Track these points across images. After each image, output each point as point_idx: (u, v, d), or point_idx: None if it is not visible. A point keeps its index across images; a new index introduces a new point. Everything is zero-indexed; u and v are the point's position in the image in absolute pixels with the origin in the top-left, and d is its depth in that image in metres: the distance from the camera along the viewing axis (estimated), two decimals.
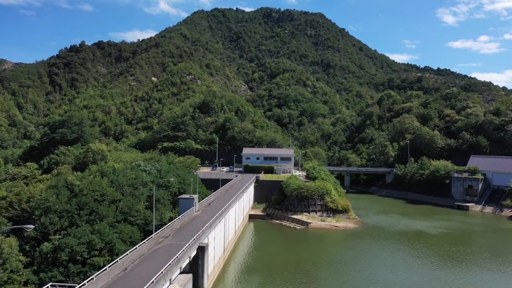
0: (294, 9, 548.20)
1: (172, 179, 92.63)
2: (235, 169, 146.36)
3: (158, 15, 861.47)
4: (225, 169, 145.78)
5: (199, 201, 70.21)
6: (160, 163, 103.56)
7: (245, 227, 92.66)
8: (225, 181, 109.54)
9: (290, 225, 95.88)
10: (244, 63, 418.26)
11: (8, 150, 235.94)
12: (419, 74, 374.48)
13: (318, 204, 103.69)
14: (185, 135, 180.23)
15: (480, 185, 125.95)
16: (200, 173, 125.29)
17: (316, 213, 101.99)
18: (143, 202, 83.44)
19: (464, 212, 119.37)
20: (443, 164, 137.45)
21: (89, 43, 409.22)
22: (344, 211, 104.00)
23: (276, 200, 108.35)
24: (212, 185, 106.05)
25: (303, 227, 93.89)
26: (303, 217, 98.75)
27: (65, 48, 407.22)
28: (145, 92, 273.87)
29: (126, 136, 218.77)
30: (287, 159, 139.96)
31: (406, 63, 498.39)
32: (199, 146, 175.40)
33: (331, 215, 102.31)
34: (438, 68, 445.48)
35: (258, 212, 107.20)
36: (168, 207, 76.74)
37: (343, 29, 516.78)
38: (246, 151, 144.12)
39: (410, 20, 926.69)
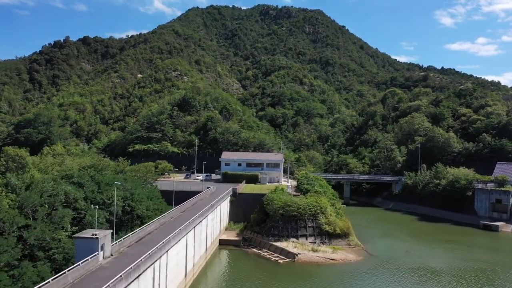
0: (292, 6, 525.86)
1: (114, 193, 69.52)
2: (214, 177, 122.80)
3: (153, 14, 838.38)
4: (201, 177, 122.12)
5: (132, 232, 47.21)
6: (104, 173, 79.87)
7: (209, 262, 68.80)
8: (193, 194, 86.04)
9: (270, 256, 71.93)
10: (238, 60, 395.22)
11: None
12: (423, 73, 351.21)
13: (309, 227, 79.79)
14: (160, 136, 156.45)
15: (511, 200, 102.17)
16: (165, 182, 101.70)
17: (306, 239, 78.09)
18: (67, 229, 60.54)
19: (493, 234, 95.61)
20: (463, 173, 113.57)
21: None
22: (344, 235, 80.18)
23: (256, 221, 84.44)
24: (177, 198, 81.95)
25: (287, 260, 69.96)
26: (289, 245, 74.79)
27: (48, 44, 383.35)
28: (126, 89, 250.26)
29: (99, 137, 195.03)
30: (275, 165, 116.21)
31: (408, 62, 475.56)
32: (175, 149, 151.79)
33: (326, 241, 78.46)
34: (442, 67, 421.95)
35: (232, 236, 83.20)
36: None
37: (343, 26, 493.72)
38: (225, 155, 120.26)
39: (407, 21, 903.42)
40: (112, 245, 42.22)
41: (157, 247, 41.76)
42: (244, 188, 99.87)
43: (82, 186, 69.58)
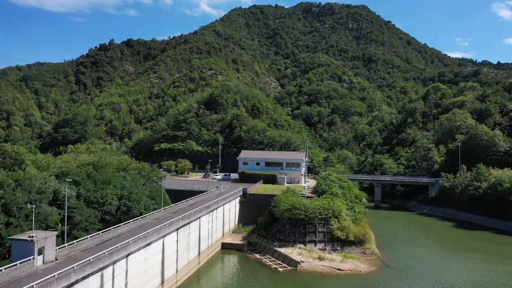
0: (335, 3, 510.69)
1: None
2: (233, 177, 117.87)
3: (199, 17, 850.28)
4: (219, 176, 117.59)
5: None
6: (103, 171, 77.15)
7: (203, 268, 63.68)
8: (199, 193, 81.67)
9: (271, 263, 65.64)
10: (278, 59, 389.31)
11: None
12: (475, 68, 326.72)
13: (319, 232, 72.55)
14: (186, 135, 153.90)
15: None
16: (174, 181, 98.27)
17: (315, 245, 70.96)
18: (57, 228, 58.76)
19: None
20: (507, 175, 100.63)
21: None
22: (358, 242, 72.05)
23: (263, 224, 78.39)
24: (184, 198, 78.05)
25: (289, 268, 63.36)
26: (294, 251, 68.04)
27: (95, 47, 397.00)
28: (161, 89, 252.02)
29: (132, 137, 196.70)
30: (295, 165, 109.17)
31: (461, 57, 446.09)
32: (200, 148, 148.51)
33: (338, 248, 70.90)
34: (499, 62, 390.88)
35: (237, 239, 77.66)
36: None
37: (389, 21, 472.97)
38: (243, 154, 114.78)
39: (462, 16, 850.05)
40: (59, 248, 38.06)
41: (104, 252, 37.00)
42: (257, 188, 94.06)
43: (78, 184, 67.02)
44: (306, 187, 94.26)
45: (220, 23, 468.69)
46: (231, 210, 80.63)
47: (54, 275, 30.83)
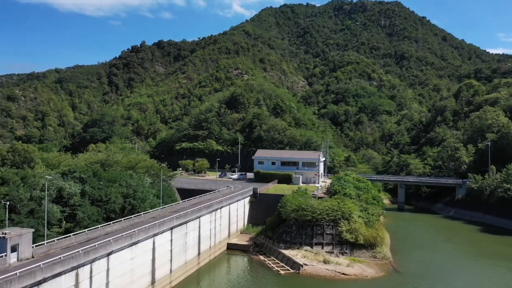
0: (367, 0, 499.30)
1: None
2: (249, 176, 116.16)
3: (232, 17, 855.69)
4: (235, 175, 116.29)
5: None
6: (111, 169, 77.33)
7: (202, 268, 62.38)
8: (207, 192, 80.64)
9: (274, 266, 63.50)
10: (307, 58, 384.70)
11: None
12: None
13: (327, 234, 69.67)
14: (207, 134, 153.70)
15: None
16: (185, 180, 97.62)
17: (322, 248, 68.19)
18: (61, 225, 59.76)
19: None
20: None
21: None
22: (369, 246, 68.66)
23: (271, 224, 76.28)
24: (194, 196, 77.40)
25: (291, 271, 61.02)
26: (299, 254, 65.56)
27: (127, 49, 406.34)
28: (188, 89, 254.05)
29: (157, 136, 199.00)
30: (311, 164, 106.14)
31: (501, 53, 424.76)
32: (220, 148, 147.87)
33: (347, 251, 67.84)
34: None
35: (243, 240, 75.89)
36: None
37: (424, 17, 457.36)
38: (259, 153, 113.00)
39: (505, 10, 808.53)
40: (36, 246, 37.63)
41: (78, 251, 36.22)
42: (269, 188, 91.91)
43: (84, 181, 67.34)
44: (320, 187, 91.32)
45: (250, 23, 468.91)
46: (239, 210, 78.97)
47: (16, 273, 30.17)
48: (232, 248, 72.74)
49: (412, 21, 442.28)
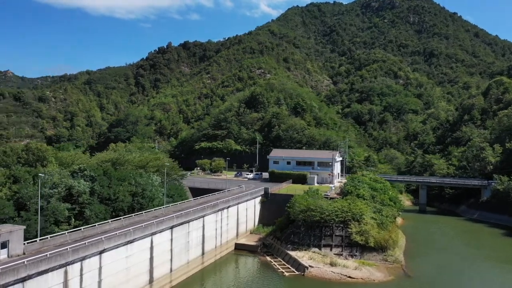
0: None
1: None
2: (265, 176, 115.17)
3: (259, 17, 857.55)
4: (251, 175, 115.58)
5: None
6: (122, 168, 78.08)
7: (206, 268, 61.86)
8: (218, 191, 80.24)
9: (280, 267, 62.29)
10: (333, 56, 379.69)
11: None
12: None
13: (337, 236, 67.83)
14: (226, 133, 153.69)
15: None
16: (198, 179, 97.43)
17: (331, 249, 66.43)
18: (70, 223, 60.95)
19: None
20: None
21: None
22: (380, 248, 66.32)
23: (280, 225, 75.16)
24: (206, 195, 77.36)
25: (296, 273, 59.65)
26: (306, 255, 64.07)
27: (154, 50, 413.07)
28: (210, 89, 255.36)
29: (179, 136, 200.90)
30: (327, 164, 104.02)
31: None
32: (238, 147, 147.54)
33: (357, 253, 65.80)
34: None
35: (252, 240, 74.97)
36: None
37: (455, 13, 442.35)
38: (274, 153, 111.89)
39: None
40: (28, 243, 38.03)
41: (67, 248, 36.33)
42: (281, 188, 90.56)
43: (94, 180, 68.18)
44: (333, 188, 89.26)
45: (275, 23, 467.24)
46: (248, 209, 78.14)
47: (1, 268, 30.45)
48: (239, 248, 72.02)
49: (443, 17, 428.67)
